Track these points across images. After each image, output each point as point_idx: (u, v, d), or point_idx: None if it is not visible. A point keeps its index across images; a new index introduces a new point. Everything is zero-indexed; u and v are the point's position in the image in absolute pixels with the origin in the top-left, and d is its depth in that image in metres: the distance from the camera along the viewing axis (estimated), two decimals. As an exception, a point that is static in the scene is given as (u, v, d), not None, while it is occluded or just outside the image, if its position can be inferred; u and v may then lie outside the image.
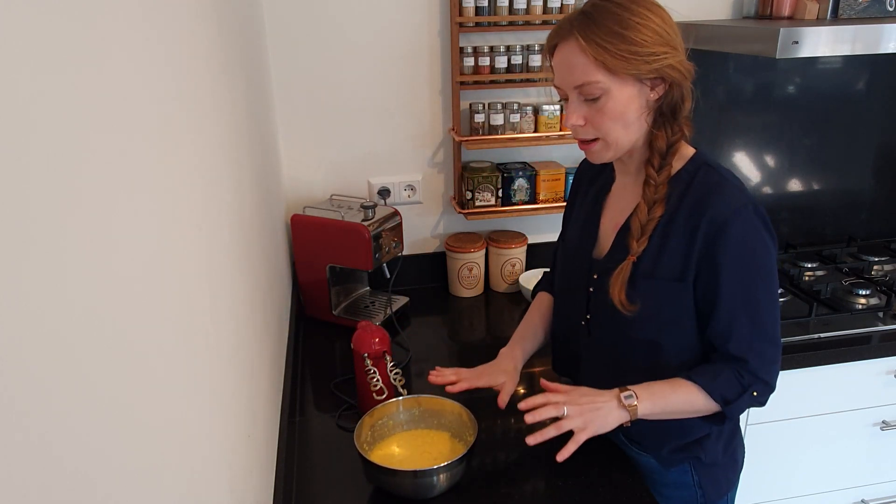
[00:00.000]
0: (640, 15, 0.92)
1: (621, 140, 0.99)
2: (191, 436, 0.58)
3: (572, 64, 0.94)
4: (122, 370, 0.43)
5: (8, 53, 0.30)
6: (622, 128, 0.97)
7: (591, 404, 1.00)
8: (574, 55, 0.93)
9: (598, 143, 1.00)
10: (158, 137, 0.55)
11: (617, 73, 0.93)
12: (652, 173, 1.01)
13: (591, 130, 0.98)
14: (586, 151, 1.03)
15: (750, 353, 1.00)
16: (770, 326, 1.01)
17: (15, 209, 0.30)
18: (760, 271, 0.99)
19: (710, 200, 0.97)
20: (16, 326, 0.30)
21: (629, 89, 0.95)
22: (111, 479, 0.40)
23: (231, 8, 1.05)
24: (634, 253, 1.02)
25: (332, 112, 1.73)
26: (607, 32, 0.91)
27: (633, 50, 0.91)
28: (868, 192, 2.11)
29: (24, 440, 0.30)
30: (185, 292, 0.59)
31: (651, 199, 1.01)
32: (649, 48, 0.92)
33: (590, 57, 0.92)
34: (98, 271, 0.40)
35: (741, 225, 0.96)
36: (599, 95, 0.94)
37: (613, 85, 0.94)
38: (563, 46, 0.95)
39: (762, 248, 0.98)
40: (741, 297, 0.99)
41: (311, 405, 1.38)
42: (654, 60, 0.93)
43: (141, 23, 0.53)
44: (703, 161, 1.03)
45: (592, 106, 0.96)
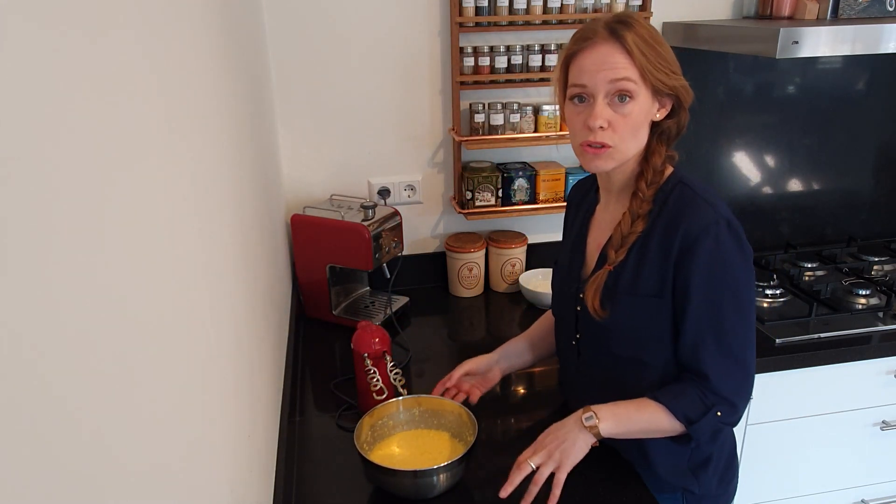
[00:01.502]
0: (662, 38, 1.00)
1: (629, 151, 1.02)
2: (191, 436, 0.58)
3: (613, 61, 0.96)
4: (121, 370, 0.43)
5: (7, 54, 0.30)
6: (633, 138, 1.00)
7: (555, 441, 1.01)
8: (615, 54, 0.96)
9: (609, 150, 1.00)
10: (158, 138, 0.55)
11: (647, 80, 0.97)
12: (642, 186, 1.03)
13: (610, 136, 0.99)
14: (594, 157, 1.01)
15: (713, 371, 1.00)
16: (736, 346, 1.01)
17: (14, 210, 0.30)
18: (729, 289, 0.99)
19: (683, 217, 0.99)
20: (14, 327, 0.30)
21: (649, 101, 0.99)
22: (111, 480, 0.40)
23: (231, 8, 1.05)
24: (612, 262, 1.05)
25: (332, 112, 1.73)
26: (645, 42, 0.96)
27: (663, 63, 0.97)
28: (868, 192, 2.11)
29: (24, 440, 0.30)
30: (185, 293, 0.59)
31: (636, 212, 1.03)
32: (673, 66, 0.99)
33: (632, 58, 0.95)
34: (98, 272, 0.40)
35: (711, 242, 0.97)
36: (630, 97, 0.97)
37: (642, 91, 0.97)
38: (601, 46, 0.97)
39: (732, 265, 0.99)
40: (707, 314, 0.99)
41: (311, 405, 1.38)
42: (675, 78, 0.98)
43: (141, 23, 0.53)
44: (678, 179, 1.05)
45: (617, 110, 0.98)
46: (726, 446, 1.16)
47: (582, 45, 0.99)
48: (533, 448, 1.03)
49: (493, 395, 1.41)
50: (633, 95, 0.97)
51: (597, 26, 0.98)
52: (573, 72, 1.00)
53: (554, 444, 1.01)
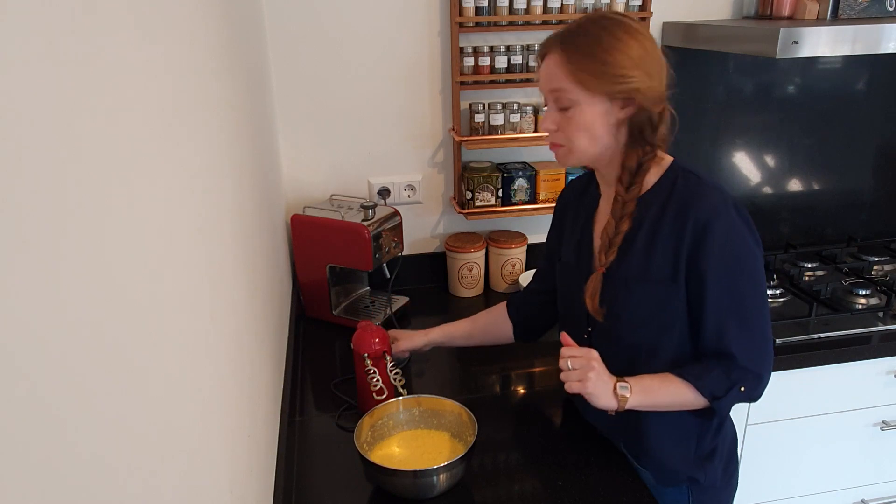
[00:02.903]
0: (621, 40, 0.99)
1: (586, 150, 1.05)
2: (191, 436, 0.58)
3: (551, 72, 1.02)
4: (121, 370, 0.43)
5: (6, 54, 0.30)
6: (587, 139, 1.03)
7: (594, 372, 1.04)
8: (554, 65, 1.01)
9: (561, 148, 1.06)
10: (158, 138, 0.55)
11: (588, 88, 0.99)
12: (620, 190, 1.06)
13: (559, 136, 1.05)
14: (554, 153, 1.09)
15: (739, 350, 1.03)
16: (757, 322, 1.05)
17: (13, 210, 0.30)
18: (745, 270, 1.02)
19: (693, 203, 1.01)
20: (14, 327, 0.30)
21: (599, 105, 1.01)
22: (111, 480, 0.40)
23: (231, 8, 1.05)
24: (602, 265, 1.07)
25: (332, 112, 1.73)
26: (585, 51, 0.99)
27: (603, 70, 0.98)
28: (868, 192, 2.11)
29: (24, 441, 0.30)
30: (186, 293, 0.59)
31: (618, 214, 1.06)
32: (620, 71, 0.98)
33: (565, 69, 1.00)
34: (97, 273, 0.40)
35: (723, 226, 1.00)
36: (569, 106, 1.01)
37: (583, 98, 1.00)
38: (549, 56, 1.03)
39: (745, 246, 1.02)
40: (727, 296, 1.02)
41: (311, 405, 1.38)
42: (622, 82, 0.98)
43: (140, 23, 0.53)
44: (680, 168, 1.07)
45: (564, 114, 1.03)
46: (728, 438, 1.17)
47: (542, 53, 1.05)
48: (578, 359, 1.05)
49: (493, 394, 1.41)
50: (570, 104, 1.01)
51: (553, 35, 1.04)
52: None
53: (591, 372, 1.03)
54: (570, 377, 1.04)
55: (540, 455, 1.20)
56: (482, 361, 1.53)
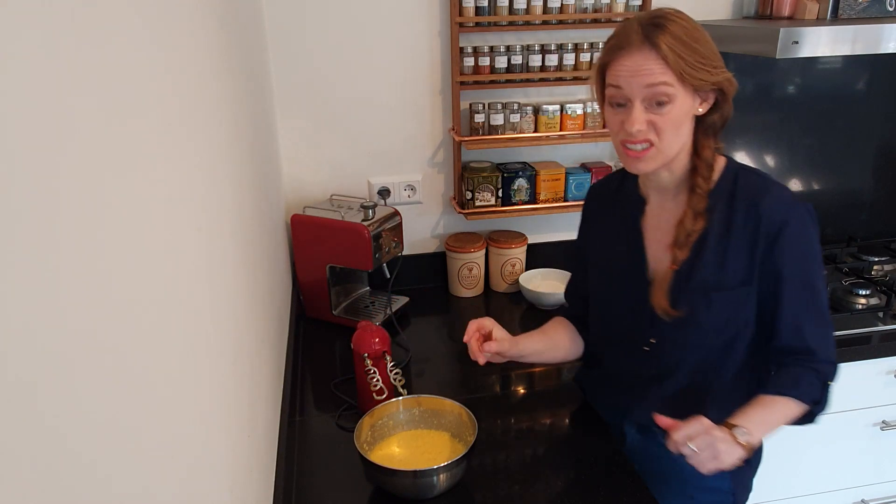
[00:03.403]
0: (701, 30, 0.98)
1: (672, 148, 1.01)
2: (191, 436, 0.58)
3: (648, 68, 0.96)
4: (121, 371, 0.43)
5: (6, 54, 0.30)
6: (677, 137, 1.00)
7: (720, 442, 0.94)
8: (650, 60, 0.96)
9: (652, 149, 1.01)
10: (158, 138, 0.55)
11: (686, 81, 0.96)
12: (699, 182, 1.04)
13: (650, 134, 1.00)
14: (636, 159, 1.02)
15: (817, 344, 1.04)
16: (827, 314, 1.06)
17: (12, 210, 0.30)
18: (817, 266, 1.04)
19: (761, 201, 1.01)
20: (13, 328, 0.30)
21: (689, 100, 0.99)
22: (111, 480, 0.40)
23: (231, 8, 1.05)
24: (676, 262, 1.05)
25: (332, 112, 1.73)
26: (681, 42, 0.95)
27: (702, 61, 0.96)
28: (868, 192, 2.11)
29: (24, 441, 0.30)
30: (185, 293, 0.59)
31: (696, 209, 1.04)
32: (714, 61, 0.98)
33: (668, 62, 0.95)
34: (97, 273, 0.40)
35: (798, 223, 1.01)
36: (667, 101, 0.97)
37: (680, 92, 0.97)
38: (635, 52, 0.97)
39: (815, 242, 1.04)
40: (805, 294, 1.03)
41: (311, 405, 1.38)
42: (717, 73, 0.98)
43: (140, 22, 0.53)
44: (736, 167, 1.06)
45: (656, 112, 0.98)
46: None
47: (617, 54, 0.99)
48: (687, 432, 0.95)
49: (493, 394, 1.41)
50: (670, 99, 0.97)
51: (630, 32, 0.98)
52: (610, 77, 1.01)
53: (712, 441, 0.94)
54: (701, 461, 0.93)
55: (540, 455, 1.20)
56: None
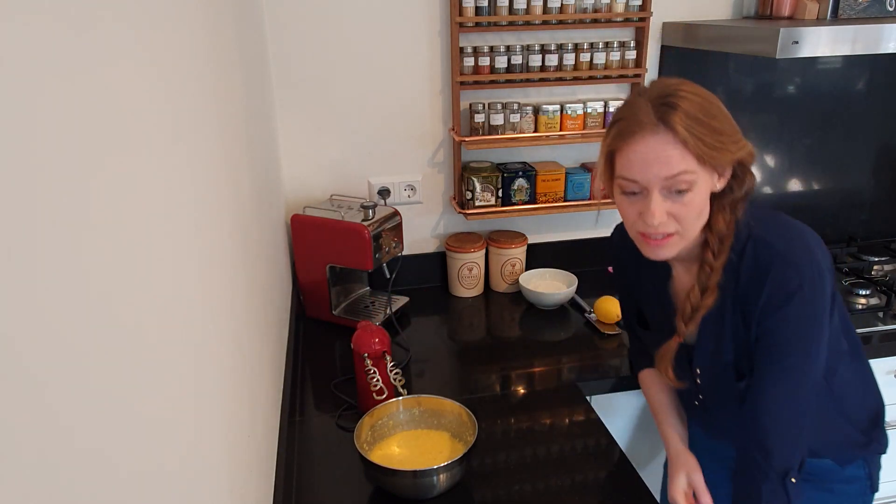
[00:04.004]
0: (715, 102, 0.90)
1: (694, 233, 0.95)
2: (191, 436, 0.58)
3: (666, 155, 0.87)
4: (121, 371, 0.43)
5: (8, 56, 0.30)
6: (698, 221, 0.94)
7: None
8: (667, 146, 0.87)
9: (674, 237, 0.94)
10: (157, 138, 0.55)
11: (706, 163, 0.89)
12: (709, 257, 0.97)
13: (671, 224, 0.93)
14: (654, 247, 0.95)
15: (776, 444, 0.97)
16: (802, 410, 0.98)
17: (12, 210, 0.30)
18: (805, 343, 0.95)
19: (763, 286, 0.93)
20: (12, 328, 0.30)
21: (709, 180, 0.92)
22: (111, 480, 0.40)
23: (231, 7, 1.05)
24: (682, 335, 1.01)
25: (332, 112, 1.73)
26: (698, 121, 0.87)
27: (723, 140, 0.89)
28: (868, 192, 2.11)
29: (23, 441, 0.30)
30: (185, 293, 0.59)
31: (704, 284, 0.98)
32: (734, 135, 0.91)
33: (688, 147, 0.87)
34: (96, 273, 0.40)
35: (796, 307, 0.93)
36: (688, 188, 0.89)
37: (701, 177, 0.90)
38: (649, 137, 0.88)
39: (815, 316, 0.94)
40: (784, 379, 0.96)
41: (311, 405, 1.38)
42: (737, 149, 0.91)
43: (140, 22, 0.53)
44: (749, 232, 0.97)
45: (676, 201, 0.91)
46: (877, 401, 1.17)
47: (629, 139, 0.90)
48: None
49: (493, 394, 1.41)
50: (691, 187, 0.89)
51: (639, 113, 0.89)
52: (620, 163, 0.92)
53: None
54: None
55: (540, 455, 1.20)
56: (482, 361, 1.54)
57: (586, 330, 1.65)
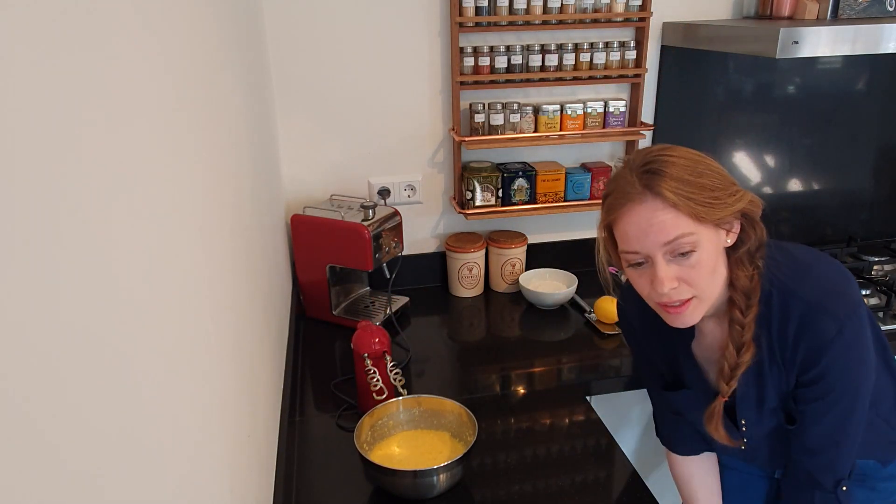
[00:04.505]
0: (702, 159, 0.90)
1: (714, 293, 0.93)
2: (191, 436, 0.58)
3: (659, 221, 0.87)
4: (121, 371, 0.43)
5: (5, 52, 0.30)
6: (715, 280, 0.92)
7: None
8: (657, 212, 0.87)
9: (692, 302, 0.92)
10: (158, 137, 0.55)
11: (704, 221, 0.87)
12: (738, 316, 0.94)
13: (685, 290, 0.91)
14: (676, 315, 0.93)
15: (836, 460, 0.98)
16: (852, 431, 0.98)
17: (12, 210, 0.30)
18: (857, 381, 0.94)
19: (801, 340, 0.92)
20: (12, 327, 0.30)
21: (714, 237, 0.90)
22: (111, 480, 0.40)
23: (231, 7, 1.05)
24: (725, 394, 0.99)
25: (332, 112, 1.73)
26: (687, 183, 0.86)
27: (715, 195, 0.88)
28: (868, 192, 2.11)
29: (23, 441, 0.30)
30: (186, 293, 0.59)
31: (738, 343, 0.95)
32: (728, 188, 0.90)
33: (680, 210, 0.86)
34: (97, 273, 0.40)
35: (837, 356, 0.91)
36: (691, 250, 0.88)
37: (703, 235, 0.88)
38: (639, 207, 0.88)
39: (861, 361, 0.93)
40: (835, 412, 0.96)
41: (311, 405, 1.38)
42: (735, 201, 0.90)
43: (140, 22, 0.53)
44: (772, 281, 0.94)
45: (683, 264, 0.89)
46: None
47: (621, 212, 0.90)
48: None
49: (493, 394, 1.41)
50: (694, 247, 0.87)
51: (626, 184, 0.89)
52: (619, 237, 0.92)
53: None
54: None
55: (540, 455, 1.20)
56: (482, 361, 1.54)
57: (586, 330, 1.65)
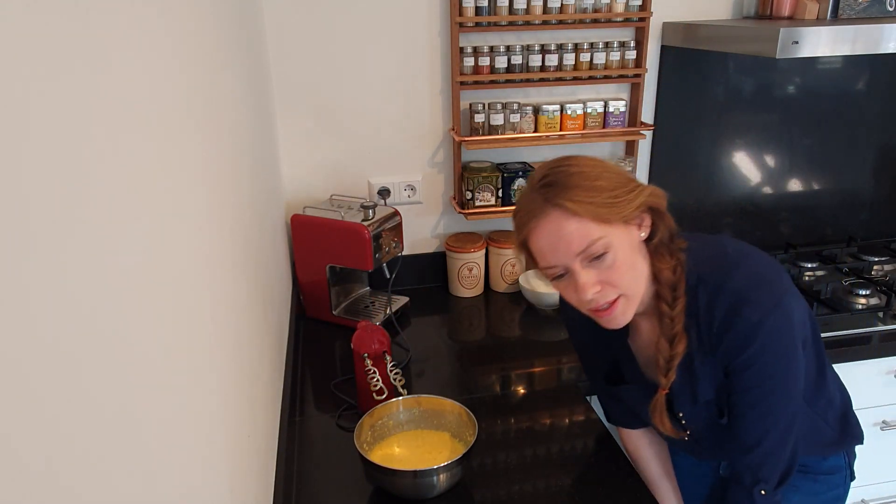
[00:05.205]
0: (597, 163, 0.92)
1: (639, 288, 0.95)
2: (191, 436, 0.58)
3: (566, 233, 0.89)
4: (121, 371, 0.43)
5: (8, 52, 0.30)
6: (634, 275, 0.93)
7: None
8: (564, 224, 0.89)
9: (620, 301, 0.93)
10: (158, 137, 0.55)
11: (610, 222, 0.89)
12: (665, 309, 0.96)
13: (610, 291, 0.92)
14: (608, 318, 0.95)
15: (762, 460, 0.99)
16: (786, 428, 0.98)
17: (12, 208, 0.30)
18: (781, 375, 0.95)
19: (723, 330, 0.93)
20: (11, 328, 0.30)
21: (625, 234, 0.91)
22: (111, 480, 0.40)
23: (231, 7, 1.05)
24: (664, 387, 1.00)
25: (332, 112, 1.73)
26: (584, 189, 0.88)
27: (614, 194, 0.89)
28: (868, 192, 2.11)
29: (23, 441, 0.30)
30: (186, 293, 0.59)
31: (670, 334, 0.97)
32: (625, 186, 0.91)
33: (583, 216, 0.88)
34: (97, 272, 0.40)
35: (761, 346, 0.92)
36: (604, 251, 0.89)
37: (613, 236, 0.89)
38: (545, 222, 0.90)
39: (785, 352, 0.94)
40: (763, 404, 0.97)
41: (311, 405, 1.38)
42: (635, 196, 0.90)
43: (141, 22, 0.53)
44: (697, 273, 0.96)
45: (601, 267, 0.91)
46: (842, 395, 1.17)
47: (528, 229, 0.92)
48: None
49: (493, 394, 1.41)
50: (607, 248, 0.89)
51: (529, 202, 0.92)
52: (535, 254, 0.94)
53: None
54: None
55: (540, 455, 1.20)
56: (482, 361, 1.54)
57: (586, 330, 1.65)
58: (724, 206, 2.02)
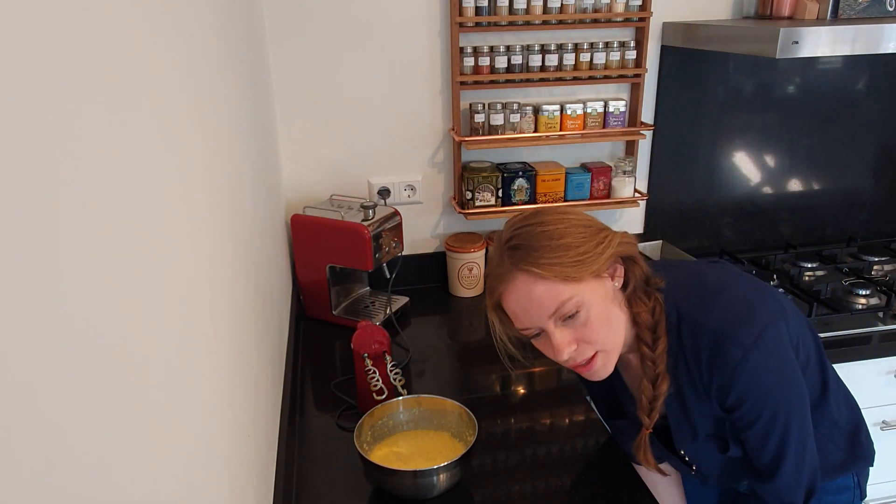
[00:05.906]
0: (563, 220, 0.90)
1: (617, 342, 0.94)
2: (191, 436, 0.58)
3: (536, 297, 0.88)
4: (121, 371, 0.43)
5: (6, 46, 0.30)
6: (611, 329, 0.93)
7: None
8: (532, 288, 0.88)
9: (598, 356, 0.93)
10: (158, 137, 0.55)
11: (580, 279, 0.88)
12: (646, 352, 0.95)
13: (586, 348, 0.92)
14: (588, 373, 0.95)
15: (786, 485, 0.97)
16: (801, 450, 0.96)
17: (11, 207, 0.30)
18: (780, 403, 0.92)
19: (713, 371, 0.91)
20: (10, 328, 0.30)
21: (598, 288, 0.90)
22: (111, 480, 0.40)
23: (231, 7, 1.05)
24: (647, 426, 1.00)
25: (332, 112, 1.73)
26: (550, 249, 0.87)
27: (581, 251, 0.88)
28: (868, 192, 2.11)
29: (23, 441, 0.30)
30: (186, 293, 0.59)
31: (652, 376, 0.96)
32: (593, 240, 0.89)
33: (550, 279, 0.87)
34: (97, 272, 0.40)
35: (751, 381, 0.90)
36: (576, 310, 0.89)
37: (584, 293, 0.89)
38: (515, 286, 0.90)
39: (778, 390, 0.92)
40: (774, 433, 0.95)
41: (311, 405, 1.38)
42: (603, 249, 0.89)
43: (141, 21, 0.53)
44: (678, 310, 0.94)
45: (575, 325, 0.90)
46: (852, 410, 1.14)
47: (499, 293, 0.92)
48: None
49: (493, 394, 1.41)
50: (579, 306, 0.88)
51: (497, 266, 0.92)
52: (509, 315, 0.95)
53: None
54: None
55: (540, 455, 1.20)
56: (482, 361, 1.54)
57: (586, 330, 1.65)
58: (724, 206, 2.02)
